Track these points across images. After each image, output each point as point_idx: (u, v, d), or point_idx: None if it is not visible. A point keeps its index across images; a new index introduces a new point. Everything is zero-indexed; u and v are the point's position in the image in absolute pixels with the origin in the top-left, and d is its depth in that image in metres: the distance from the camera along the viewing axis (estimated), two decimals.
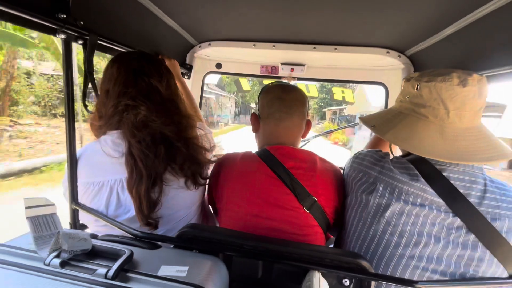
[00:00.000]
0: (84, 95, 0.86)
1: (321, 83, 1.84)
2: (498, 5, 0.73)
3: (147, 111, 0.78)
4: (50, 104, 10.91)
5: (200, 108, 1.83)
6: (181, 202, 0.88)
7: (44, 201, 0.59)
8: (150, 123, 0.79)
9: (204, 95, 1.91)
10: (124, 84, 0.80)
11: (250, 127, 1.05)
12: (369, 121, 0.84)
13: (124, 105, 0.79)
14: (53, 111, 10.94)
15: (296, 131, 0.95)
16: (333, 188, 0.87)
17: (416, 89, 0.72)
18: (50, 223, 0.57)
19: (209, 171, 0.98)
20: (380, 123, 0.80)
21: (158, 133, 0.79)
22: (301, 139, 1.01)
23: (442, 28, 0.97)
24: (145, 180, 0.75)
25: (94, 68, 0.86)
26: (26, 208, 0.55)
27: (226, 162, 0.94)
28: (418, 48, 1.24)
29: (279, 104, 0.93)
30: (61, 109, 10.93)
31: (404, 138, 0.71)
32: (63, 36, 0.73)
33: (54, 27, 0.70)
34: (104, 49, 0.94)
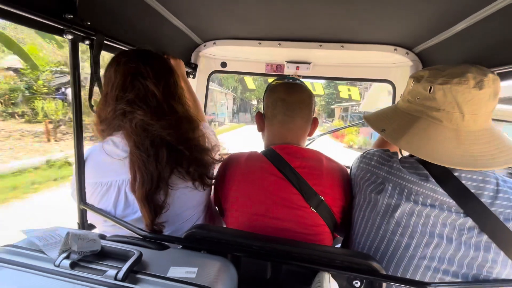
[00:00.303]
0: (90, 96, 0.86)
1: None
2: (510, 0, 0.71)
3: (143, 116, 0.77)
4: (9, 102, 9.84)
5: (205, 108, 1.82)
6: (188, 202, 0.87)
7: (43, 229, 0.60)
8: (148, 127, 0.77)
9: None
10: (121, 88, 0.79)
11: (248, 127, 1.04)
12: (376, 123, 0.81)
13: (121, 110, 0.78)
14: (10, 110, 9.91)
15: (299, 133, 0.94)
16: (340, 187, 0.86)
17: (429, 91, 0.68)
18: (55, 235, 0.58)
19: (215, 171, 0.98)
20: (391, 127, 0.76)
21: (157, 137, 0.78)
22: (308, 137, 1.00)
23: (453, 24, 0.94)
24: (147, 184, 0.75)
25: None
26: (27, 233, 0.56)
27: (231, 162, 0.93)
28: (427, 44, 1.21)
29: (282, 106, 0.91)
30: (22, 108, 10.08)
31: (419, 146, 0.67)
32: (70, 37, 0.73)
33: (61, 27, 0.70)
34: (110, 49, 0.94)
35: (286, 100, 0.91)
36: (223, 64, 1.75)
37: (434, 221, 0.65)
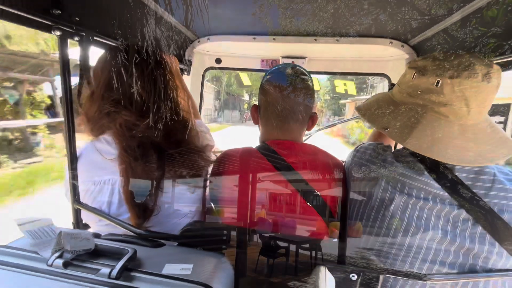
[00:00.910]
0: (79, 93, 0.84)
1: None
2: None
3: (129, 116, 0.75)
4: None
5: (201, 107, 1.81)
6: (182, 202, 0.87)
7: (38, 219, 0.58)
8: (133, 127, 0.75)
9: None
10: (106, 86, 0.77)
11: (234, 128, 1.02)
12: (375, 119, 0.77)
13: (107, 110, 0.76)
14: None
15: (294, 135, 0.92)
16: (335, 181, 0.85)
17: (436, 85, 0.64)
18: (49, 231, 0.57)
19: (210, 169, 0.97)
20: (394, 125, 0.71)
21: (146, 139, 0.76)
22: (306, 131, 0.98)
23: (448, 15, 0.94)
24: (135, 187, 0.73)
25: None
26: (19, 225, 0.55)
27: (226, 159, 0.92)
28: (423, 37, 1.21)
29: (273, 111, 0.89)
30: None
31: (429, 146, 0.64)
32: (58, 33, 0.71)
33: (49, 23, 0.69)
34: (101, 46, 0.93)
35: (277, 106, 0.88)
36: (218, 61, 1.73)
37: (428, 214, 0.65)
